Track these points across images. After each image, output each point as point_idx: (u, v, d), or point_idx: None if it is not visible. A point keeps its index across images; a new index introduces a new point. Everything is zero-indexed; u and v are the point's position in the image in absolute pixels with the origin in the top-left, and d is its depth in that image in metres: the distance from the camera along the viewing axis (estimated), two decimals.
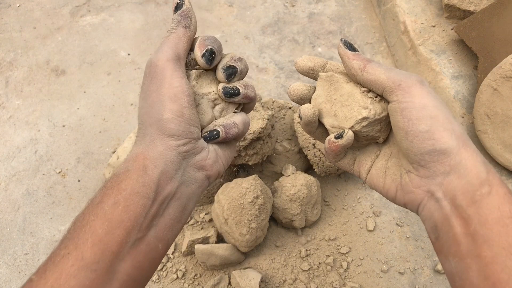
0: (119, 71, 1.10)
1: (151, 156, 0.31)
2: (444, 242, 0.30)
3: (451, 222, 0.29)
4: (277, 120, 0.82)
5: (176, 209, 0.32)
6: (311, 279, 0.72)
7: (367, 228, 0.78)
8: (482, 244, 0.27)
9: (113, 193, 0.30)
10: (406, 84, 0.31)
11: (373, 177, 0.36)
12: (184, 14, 0.35)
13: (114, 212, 0.29)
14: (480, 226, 0.27)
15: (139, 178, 0.30)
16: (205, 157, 0.34)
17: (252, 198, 0.67)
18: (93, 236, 0.28)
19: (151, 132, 0.32)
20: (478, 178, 0.28)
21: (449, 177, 0.29)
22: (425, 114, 0.30)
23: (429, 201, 0.31)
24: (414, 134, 0.30)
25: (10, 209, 0.84)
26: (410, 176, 0.32)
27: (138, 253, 0.30)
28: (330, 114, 0.36)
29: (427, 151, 0.30)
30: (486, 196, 0.28)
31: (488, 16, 0.83)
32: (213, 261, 0.70)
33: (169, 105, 0.32)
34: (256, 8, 1.27)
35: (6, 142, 0.95)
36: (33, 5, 1.30)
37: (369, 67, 0.32)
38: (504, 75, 0.71)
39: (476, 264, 0.27)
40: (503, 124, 0.73)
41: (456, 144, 0.29)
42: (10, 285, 0.74)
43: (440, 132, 0.29)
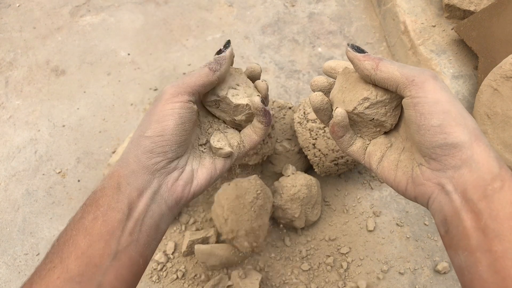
0: (119, 71, 1.10)
1: (124, 174, 0.33)
2: (453, 235, 0.30)
3: (461, 215, 0.29)
4: (277, 120, 0.82)
5: (151, 227, 0.34)
6: (311, 279, 0.71)
7: (367, 228, 0.78)
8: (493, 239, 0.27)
9: (92, 209, 0.32)
10: (419, 80, 0.31)
11: (385, 169, 0.36)
12: (218, 59, 0.38)
13: (94, 226, 0.31)
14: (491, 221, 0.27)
15: (114, 195, 0.32)
16: (176, 177, 0.35)
17: (252, 198, 0.67)
18: (76, 250, 0.29)
19: (130, 149, 0.34)
20: (490, 173, 0.28)
21: (460, 171, 0.29)
22: (437, 108, 0.30)
23: (440, 194, 0.31)
24: (426, 128, 0.30)
25: (10, 209, 0.84)
26: (422, 169, 0.32)
27: (120, 266, 0.31)
28: (340, 101, 0.38)
29: (439, 145, 0.30)
30: (498, 190, 0.28)
31: (488, 16, 0.83)
32: (213, 261, 0.70)
33: (154, 124, 0.34)
34: (256, 8, 1.27)
35: (6, 142, 0.95)
36: (33, 5, 1.30)
37: (382, 65, 0.33)
38: (504, 75, 0.71)
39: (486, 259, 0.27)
40: (503, 124, 0.73)
41: (468, 139, 0.29)
42: (10, 285, 0.73)
43: (452, 127, 0.29)
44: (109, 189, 0.33)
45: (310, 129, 0.75)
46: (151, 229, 0.34)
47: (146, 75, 1.09)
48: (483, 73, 0.81)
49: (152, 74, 1.09)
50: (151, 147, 0.33)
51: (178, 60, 1.13)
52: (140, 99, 1.04)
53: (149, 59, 1.13)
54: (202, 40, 1.18)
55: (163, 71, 1.10)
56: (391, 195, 0.83)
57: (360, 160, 0.39)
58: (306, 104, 0.78)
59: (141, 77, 1.09)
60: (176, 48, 1.16)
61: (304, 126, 0.76)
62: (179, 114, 0.34)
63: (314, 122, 0.75)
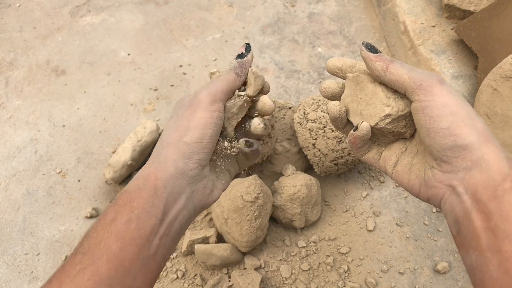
0: (119, 71, 1.10)
1: (162, 177, 0.33)
2: (465, 236, 0.30)
3: (471, 216, 0.29)
4: (277, 120, 0.82)
5: (177, 231, 0.34)
6: (311, 279, 0.72)
7: (367, 228, 0.78)
8: (503, 239, 0.27)
9: (126, 211, 0.31)
10: (426, 84, 0.32)
11: (399, 173, 0.37)
12: (242, 64, 0.39)
13: (127, 230, 0.30)
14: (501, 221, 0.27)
15: (149, 198, 0.32)
16: (205, 185, 0.36)
17: (252, 198, 0.67)
18: (108, 253, 0.29)
19: (167, 152, 0.34)
20: (500, 173, 0.28)
21: (471, 172, 0.30)
22: (445, 111, 0.30)
23: (451, 195, 0.31)
24: (435, 131, 0.31)
25: (10, 209, 0.84)
26: (433, 172, 0.33)
27: (147, 270, 0.31)
28: (356, 112, 0.38)
29: (449, 147, 0.30)
30: (508, 191, 0.28)
31: (488, 16, 0.83)
32: (213, 261, 0.70)
33: (193, 130, 0.34)
34: (256, 8, 1.27)
35: (6, 142, 0.95)
36: (33, 5, 1.30)
37: (392, 68, 0.33)
38: (504, 75, 0.71)
39: (496, 259, 0.27)
40: (503, 124, 0.73)
41: (477, 139, 0.29)
42: (10, 285, 0.74)
43: (461, 128, 0.30)
44: (145, 191, 0.32)
45: (310, 129, 0.75)
46: (178, 234, 0.34)
47: (146, 75, 1.10)
48: (483, 73, 0.81)
49: (152, 74, 1.10)
50: (189, 153, 0.34)
51: (178, 60, 1.13)
52: (140, 99, 1.04)
53: (149, 59, 1.13)
54: (202, 40, 1.18)
55: (163, 71, 1.10)
56: (391, 195, 0.83)
57: (375, 165, 0.40)
58: (306, 104, 0.78)
59: (141, 77, 1.09)
60: (176, 48, 1.16)
61: (304, 126, 0.76)
62: (216, 124, 0.35)
63: (314, 122, 0.75)
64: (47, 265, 0.76)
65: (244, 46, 0.40)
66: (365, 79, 0.37)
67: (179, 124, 0.35)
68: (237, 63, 0.38)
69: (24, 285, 0.74)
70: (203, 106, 0.35)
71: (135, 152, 0.82)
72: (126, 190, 0.33)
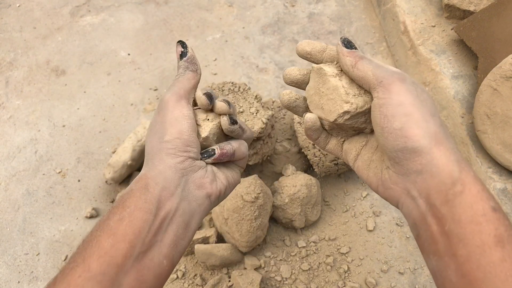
0: (119, 71, 1.10)
1: (152, 175, 0.34)
2: (424, 240, 0.30)
3: (427, 220, 0.29)
4: (277, 120, 0.82)
5: (179, 226, 0.34)
6: (311, 279, 0.72)
7: (367, 228, 0.78)
8: (457, 243, 0.27)
9: (118, 211, 0.32)
10: (387, 82, 0.31)
11: (360, 168, 0.37)
12: (190, 60, 0.39)
13: (119, 227, 0.31)
14: (454, 225, 0.27)
15: (141, 195, 0.32)
16: (203, 175, 0.36)
17: (252, 198, 0.67)
18: (99, 249, 0.29)
19: (153, 156, 0.35)
20: (450, 177, 0.28)
21: (422, 176, 0.30)
22: (400, 111, 0.30)
23: (406, 198, 0.31)
24: (388, 131, 0.31)
25: (10, 209, 0.84)
26: (389, 173, 0.33)
27: (142, 267, 0.31)
28: (318, 106, 0.38)
29: (400, 149, 0.30)
30: (458, 195, 0.28)
31: (488, 16, 0.83)
32: (213, 261, 0.70)
33: (169, 129, 0.35)
34: (256, 8, 1.27)
35: (6, 142, 0.95)
36: (33, 5, 1.30)
37: (360, 64, 0.33)
38: (504, 75, 0.71)
39: (453, 263, 0.27)
40: (503, 124, 0.73)
41: (428, 143, 0.29)
42: (10, 285, 0.74)
43: (412, 130, 0.30)
44: (137, 190, 0.33)
45: None
46: (180, 228, 0.33)
47: (146, 75, 1.10)
48: (483, 73, 0.81)
49: (152, 74, 1.10)
50: (173, 149, 0.35)
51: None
52: (140, 99, 1.04)
53: (149, 59, 1.13)
54: (202, 40, 1.18)
55: (163, 71, 1.10)
56: None
57: (338, 156, 0.40)
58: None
59: (141, 77, 1.09)
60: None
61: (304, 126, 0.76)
62: (189, 116, 0.36)
63: None
64: (47, 265, 0.76)
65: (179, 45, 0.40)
66: (328, 72, 0.36)
67: (156, 129, 0.36)
68: (185, 62, 0.39)
69: (24, 285, 0.74)
70: (171, 105, 0.36)
71: (135, 152, 0.82)
72: (121, 195, 0.34)
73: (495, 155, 0.76)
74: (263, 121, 0.70)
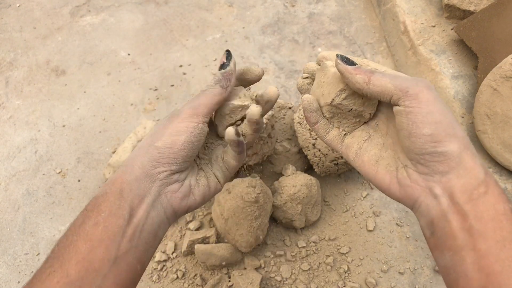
0: (119, 71, 1.10)
1: (128, 180, 0.34)
2: (439, 236, 0.31)
3: (448, 217, 0.30)
4: (277, 120, 0.82)
5: (149, 234, 0.34)
6: (311, 279, 0.72)
7: (367, 228, 0.78)
8: (478, 238, 0.28)
9: (94, 215, 0.32)
10: (413, 91, 0.32)
11: (365, 163, 0.37)
12: (226, 75, 0.38)
13: (94, 232, 0.31)
14: (476, 222, 0.29)
15: (115, 200, 0.33)
16: (176, 189, 0.36)
17: (252, 198, 0.67)
18: (77, 254, 0.30)
19: (136, 156, 0.35)
20: (476, 179, 0.30)
21: (447, 176, 0.31)
22: (430, 119, 0.31)
23: (427, 197, 0.32)
24: (417, 136, 0.31)
25: (10, 209, 0.84)
26: (408, 171, 0.33)
27: (119, 271, 0.31)
28: (319, 95, 0.39)
29: (429, 152, 0.31)
30: (483, 195, 0.29)
31: (488, 16, 0.83)
32: (213, 261, 0.70)
33: (166, 137, 0.35)
34: (256, 8, 1.27)
35: (6, 142, 0.95)
36: (33, 5, 1.30)
37: (374, 79, 0.33)
38: (504, 75, 0.71)
39: (471, 257, 0.28)
40: (503, 124, 0.73)
41: (457, 148, 0.31)
42: (10, 285, 0.74)
43: (442, 137, 0.31)
44: (111, 194, 0.33)
45: (310, 129, 0.75)
46: (150, 235, 0.34)
47: (146, 75, 1.10)
48: (483, 73, 0.81)
49: (152, 74, 1.10)
50: (158, 157, 0.35)
51: (178, 60, 1.13)
52: (140, 99, 1.04)
53: (149, 59, 1.13)
54: (202, 40, 1.18)
55: (163, 71, 1.10)
56: None
57: (337, 149, 0.40)
58: None
59: (141, 77, 1.09)
60: (176, 48, 1.16)
61: (304, 126, 0.76)
62: (192, 133, 0.36)
63: None
64: None
65: (225, 55, 0.40)
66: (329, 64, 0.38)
67: (155, 132, 0.36)
68: (221, 75, 0.38)
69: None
70: (181, 117, 0.36)
71: None
72: (95, 197, 0.34)
73: (495, 155, 0.76)
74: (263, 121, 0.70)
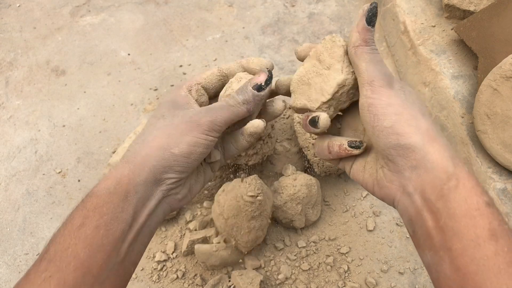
0: (119, 71, 1.10)
1: (135, 182, 0.32)
2: (419, 235, 0.30)
3: (423, 216, 0.30)
4: (277, 120, 0.82)
5: (147, 236, 0.34)
6: (311, 279, 0.72)
7: (367, 228, 0.78)
8: (452, 237, 0.27)
9: (95, 217, 0.30)
10: (378, 84, 0.32)
11: (354, 171, 0.38)
12: (258, 99, 0.37)
13: (95, 236, 0.30)
14: (449, 219, 0.28)
15: (119, 203, 0.31)
16: (177, 192, 0.36)
17: (252, 198, 0.67)
18: (76, 260, 0.29)
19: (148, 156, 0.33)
20: (445, 172, 0.29)
21: (416, 171, 0.30)
22: (390, 111, 0.31)
23: (402, 195, 0.32)
24: (379, 129, 0.31)
25: (10, 209, 0.84)
26: (384, 171, 0.33)
27: (116, 277, 0.31)
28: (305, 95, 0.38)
29: (392, 146, 0.31)
30: (453, 189, 0.28)
31: (488, 16, 0.83)
32: (213, 261, 0.70)
33: (184, 145, 0.34)
34: (256, 8, 1.27)
35: (6, 142, 0.95)
36: (33, 5, 1.30)
37: (360, 49, 0.33)
38: (504, 75, 0.71)
39: (448, 257, 0.28)
40: (503, 124, 0.73)
41: (420, 139, 0.30)
42: (10, 285, 0.74)
43: (403, 128, 0.30)
44: (116, 196, 0.31)
45: None
46: (147, 238, 0.34)
47: (146, 75, 1.10)
48: (483, 73, 0.81)
49: (152, 74, 1.10)
50: (172, 164, 0.34)
51: (178, 60, 1.13)
52: (140, 99, 1.04)
53: (149, 59, 1.13)
54: (202, 40, 1.18)
55: (163, 71, 1.10)
56: None
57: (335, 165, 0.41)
58: None
59: (141, 77, 1.09)
60: (176, 48, 1.16)
61: None
62: (208, 145, 0.35)
63: None
64: None
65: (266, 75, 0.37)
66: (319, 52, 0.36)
67: (170, 133, 0.34)
68: (252, 96, 0.36)
69: None
70: (201, 129, 0.35)
71: None
72: (95, 193, 0.32)
73: (495, 155, 0.76)
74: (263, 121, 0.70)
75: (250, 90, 0.37)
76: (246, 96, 0.37)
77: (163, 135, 0.34)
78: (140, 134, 0.35)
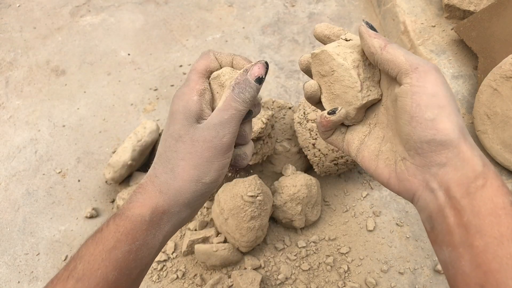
0: (119, 71, 1.10)
1: (170, 213, 0.34)
2: (438, 232, 0.30)
3: (445, 212, 0.29)
4: (277, 120, 0.82)
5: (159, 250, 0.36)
6: (311, 279, 0.72)
7: (367, 228, 0.78)
8: (475, 234, 0.27)
9: (128, 241, 0.32)
10: (423, 69, 0.31)
11: (365, 159, 0.36)
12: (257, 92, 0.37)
13: (125, 260, 0.31)
14: (473, 217, 0.28)
15: (151, 229, 0.33)
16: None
17: (252, 198, 0.67)
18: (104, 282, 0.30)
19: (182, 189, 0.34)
20: (473, 171, 0.29)
21: (444, 169, 0.29)
22: (434, 102, 0.30)
23: (425, 191, 0.31)
24: (418, 120, 0.30)
25: (10, 209, 0.84)
26: (406, 164, 0.32)
27: None
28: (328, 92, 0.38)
29: (427, 140, 0.30)
30: (480, 188, 0.28)
31: (488, 16, 0.83)
32: (213, 261, 0.70)
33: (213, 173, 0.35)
34: (256, 8, 1.27)
35: (6, 142, 0.95)
36: (33, 5, 1.30)
37: (390, 47, 0.32)
38: (504, 75, 0.71)
39: (468, 254, 0.27)
40: (503, 124, 0.73)
41: (457, 137, 0.29)
42: (10, 285, 0.74)
43: (444, 123, 0.29)
44: (150, 224, 0.33)
45: (310, 129, 0.75)
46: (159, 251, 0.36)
47: (146, 75, 1.10)
48: (483, 73, 0.81)
49: (152, 74, 1.10)
50: (204, 192, 0.35)
51: (178, 60, 1.13)
52: (140, 99, 1.04)
53: (149, 59, 1.13)
54: (202, 40, 1.18)
55: (163, 71, 1.10)
56: (391, 195, 0.83)
57: (339, 148, 0.40)
58: (306, 104, 0.78)
59: (141, 77, 1.09)
60: (176, 48, 1.16)
61: (304, 126, 0.76)
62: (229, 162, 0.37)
63: (314, 122, 0.75)
64: (47, 265, 0.76)
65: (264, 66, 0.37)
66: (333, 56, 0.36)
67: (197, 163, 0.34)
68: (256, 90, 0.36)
69: (24, 285, 0.74)
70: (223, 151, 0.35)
71: (135, 152, 0.82)
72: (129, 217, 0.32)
73: (495, 155, 0.76)
74: (263, 121, 0.70)
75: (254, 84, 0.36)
76: (253, 93, 0.36)
77: (191, 167, 0.34)
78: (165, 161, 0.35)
